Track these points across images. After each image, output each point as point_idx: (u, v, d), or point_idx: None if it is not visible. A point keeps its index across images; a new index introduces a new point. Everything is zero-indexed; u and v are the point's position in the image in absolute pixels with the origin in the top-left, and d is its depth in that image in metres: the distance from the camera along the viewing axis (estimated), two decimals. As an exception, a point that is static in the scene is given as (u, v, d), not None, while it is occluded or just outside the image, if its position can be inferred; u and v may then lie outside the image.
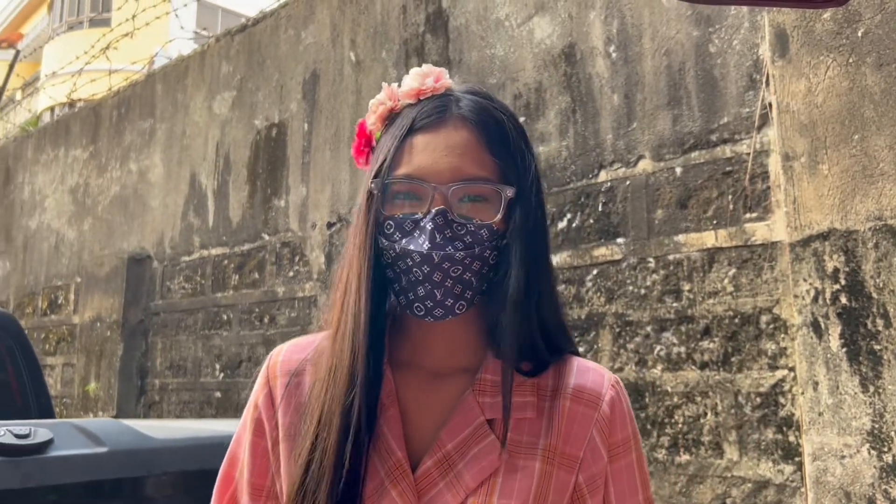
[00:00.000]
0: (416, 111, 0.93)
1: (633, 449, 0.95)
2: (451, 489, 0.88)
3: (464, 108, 0.93)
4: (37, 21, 25.04)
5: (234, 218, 4.69)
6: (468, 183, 0.89)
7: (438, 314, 0.88)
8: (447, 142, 0.90)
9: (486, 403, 0.92)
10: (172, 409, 4.88)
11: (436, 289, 0.87)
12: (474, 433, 0.90)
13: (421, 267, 0.87)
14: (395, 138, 0.92)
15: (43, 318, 6.35)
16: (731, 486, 2.51)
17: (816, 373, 2.20)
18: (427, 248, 0.87)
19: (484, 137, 0.91)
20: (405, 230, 0.89)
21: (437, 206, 0.88)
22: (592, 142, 3.04)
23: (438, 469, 0.89)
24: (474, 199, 0.90)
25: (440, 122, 0.91)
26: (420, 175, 0.89)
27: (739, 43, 2.66)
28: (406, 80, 0.96)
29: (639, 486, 0.95)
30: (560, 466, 0.91)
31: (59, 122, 6.91)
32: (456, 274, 0.88)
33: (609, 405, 0.94)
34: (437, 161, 0.89)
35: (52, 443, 2.10)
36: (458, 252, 0.87)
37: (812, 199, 2.27)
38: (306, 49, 4.42)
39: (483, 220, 0.89)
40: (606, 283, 2.91)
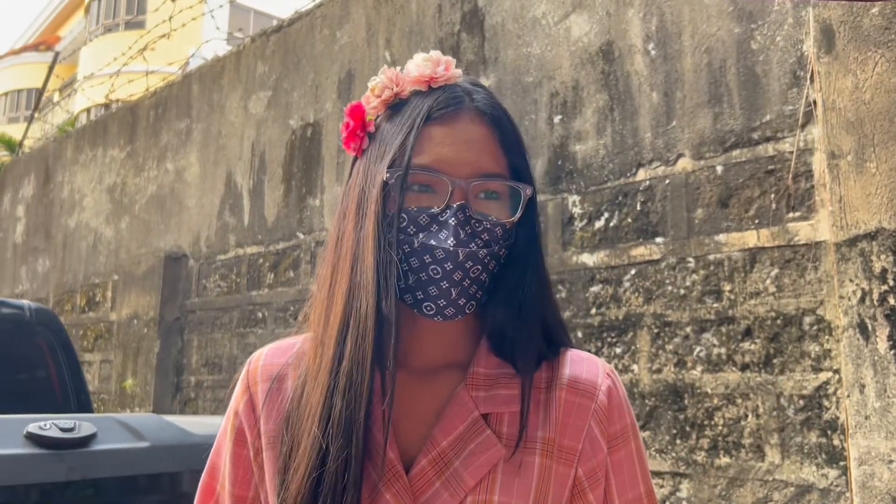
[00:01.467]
0: (429, 100, 0.88)
1: (631, 439, 0.91)
2: (448, 488, 0.84)
3: (479, 101, 0.89)
4: (73, 24, 25.50)
5: (270, 217, 4.73)
6: (488, 179, 0.86)
7: (449, 314, 0.85)
8: (466, 135, 0.86)
9: (480, 398, 0.88)
10: (208, 406, 4.93)
11: (453, 287, 0.83)
12: (469, 429, 0.86)
13: (443, 264, 0.83)
14: (410, 127, 0.86)
15: (81, 315, 6.45)
16: (773, 489, 2.46)
17: (863, 375, 2.16)
18: (452, 245, 0.82)
19: (499, 134, 0.88)
20: (420, 224, 0.84)
21: (457, 202, 0.84)
22: (630, 140, 3.01)
23: (434, 468, 0.85)
24: (490, 197, 0.86)
25: (457, 114, 0.87)
26: (440, 167, 0.84)
27: (783, 39, 2.62)
28: (413, 66, 0.91)
29: (639, 477, 0.91)
30: (559, 460, 0.87)
31: (97, 122, 7.02)
32: (475, 274, 0.84)
33: (606, 395, 0.90)
34: (457, 154, 0.85)
35: (95, 437, 2.13)
36: (480, 250, 0.84)
37: (859, 198, 2.22)
38: (341, 49, 4.43)
39: (499, 217, 0.86)
40: (645, 283, 2.88)
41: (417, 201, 0.85)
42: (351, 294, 0.85)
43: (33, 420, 2.02)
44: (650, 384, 2.81)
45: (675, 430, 2.73)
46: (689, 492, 2.66)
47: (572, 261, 3.13)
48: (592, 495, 0.88)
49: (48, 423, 2.02)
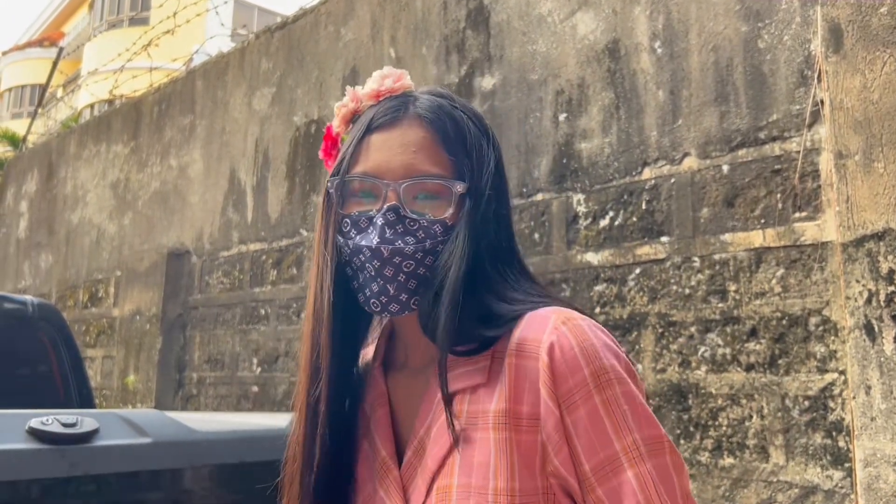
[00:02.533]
0: (374, 111, 0.94)
1: (594, 393, 0.81)
2: (422, 475, 0.88)
3: (419, 106, 0.94)
4: (78, 20, 25.51)
5: (273, 214, 4.72)
6: (419, 179, 0.90)
7: (394, 310, 0.90)
8: (402, 139, 0.91)
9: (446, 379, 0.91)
10: (210, 403, 4.93)
11: (388, 284, 0.88)
12: (434, 413, 0.90)
13: (372, 262, 0.88)
14: (354, 138, 0.94)
15: (84, 310, 6.45)
16: (777, 490, 2.45)
17: (869, 377, 2.14)
18: (376, 243, 0.88)
19: (439, 135, 0.92)
20: (360, 227, 0.90)
21: (389, 203, 0.89)
22: (636, 139, 2.99)
23: (416, 457, 0.89)
24: (428, 196, 0.90)
25: (395, 120, 0.92)
26: (374, 173, 0.90)
27: (790, 38, 2.60)
28: (368, 83, 0.98)
29: (612, 435, 0.81)
30: (520, 429, 0.83)
31: (100, 118, 7.02)
32: (409, 269, 0.88)
33: (548, 353, 0.83)
34: (390, 159, 0.90)
35: (97, 432, 2.12)
36: (408, 246, 0.88)
37: (866, 198, 2.21)
38: (346, 46, 4.42)
39: (437, 215, 0.90)
40: (649, 282, 2.87)
41: (360, 206, 0.92)
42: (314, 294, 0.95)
43: (35, 415, 2.01)
44: (654, 384, 2.80)
45: (679, 431, 2.71)
46: (692, 492, 2.65)
47: (577, 260, 3.12)
48: (557, 460, 0.82)
49: (50, 418, 2.02)
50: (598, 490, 0.81)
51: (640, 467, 0.80)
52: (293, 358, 4.39)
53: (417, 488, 0.87)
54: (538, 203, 3.30)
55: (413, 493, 0.88)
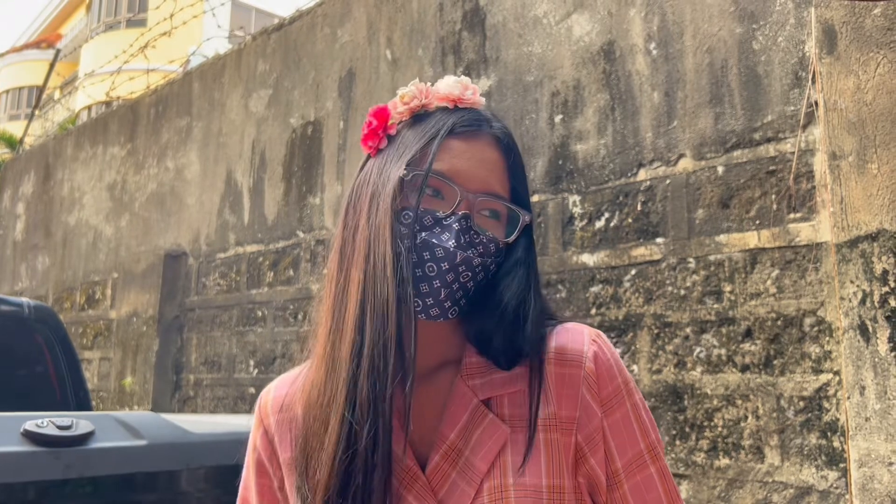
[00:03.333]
0: (454, 116, 0.95)
1: (626, 398, 0.92)
2: (464, 477, 0.87)
3: (496, 129, 0.96)
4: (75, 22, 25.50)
5: (270, 215, 4.72)
6: (494, 198, 0.92)
7: (434, 314, 0.89)
8: (482, 155, 0.93)
9: (477, 385, 0.92)
10: (207, 405, 4.93)
11: (443, 288, 0.88)
12: (472, 417, 0.90)
13: (440, 263, 0.88)
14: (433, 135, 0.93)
15: (80, 312, 6.45)
16: (773, 491, 2.46)
17: (863, 377, 2.15)
18: (453, 246, 0.88)
19: (508, 161, 0.95)
20: (424, 224, 0.89)
21: (462, 210, 0.90)
22: (631, 140, 3.00)
23: (447, 461, 0.89)
24: (491, 215, 0.92)
25: (477, 134, 0.94)
26: (453, 177, 0.90)
27: (785, 40, 2.61)
28: (444, 85, 0.97)
29: (638, 435, 0.92)
30: (559, 431, 0.89)
31: (97, 119, 7.02)
32: (465, 279, 0.89)
33: (593, 360, 0.91)
34: (471, 169, 0.91)
35: (93, 435, 2.12)
36: (476, 258, 0.89)
37: (860, 199, 2.21)
38: (342, 47, 4.43)
39: (496, 235, 0.92)
40: (645, 283, 2.87)
41: (426, 203, 0.90)
42: (367, 282, 0.89)
43: (30, 418, 2.01)
44: (650, 385, 2.80)
45: (675, 431, 2.72)
46: (688, 493, 2.65)
47: (572, 261, 3.12)
48: (594, 459, 0.90)
49: (45, 420, 2.02)
50: (625, 485, 0.90)
51: (660, 463, 0.93)
52: (290, 359, 4.39)
53: (459, 491, 0.87)
54: (534, 204, 3.30)
55: (452, 497, 0.87)
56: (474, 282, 0.90)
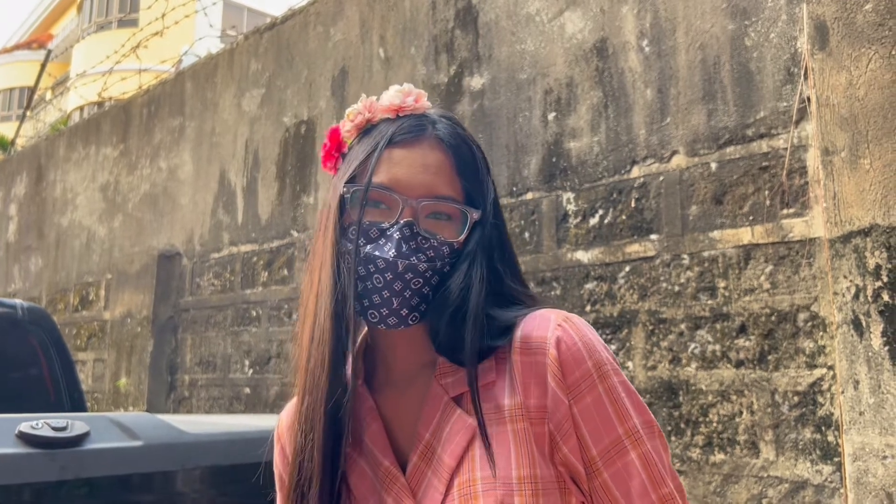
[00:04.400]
0: (394, 126, 0.96)
1: (597, 382, 0.88)
2: (436, 474, 0.89)
3: (440, 130, 0.96)
4: (66, 22, 25.40)
5: (264, 215, 4.71)
6: (438, 200, 0.92)
7: (392, 323, 0.90)
8: (423, 159, 0.93)
9: (449, 383, 0.93)
10: (202, 405, 4.92)
11: (394, 297, 0.89)
12: (443, 414, 0.91)
13: (384, 274, 0.89)
14: (372, 148, 0.94)
15: (74, 314, 6.43)
16: (768, 486, 2.47)
17: (857, 371, 2.16)
18: (392, 256, 0.89)
19: (455, 161, 0.95)
20: (369, 237, 0.91)
21: (405, 218, 0.90)
22: (625, 137, 3.01)
23: (423, 460, 0.90)
24: (440, 217, 0.93)
25: (417, 139, 0.94)
26: (393, 186, 0.91)
27: (777, 36, 2.62)
28: (386, 96, 0.99)
29: (615, 421, 0.87)
30: (530, 420, 0.88)
31: (89, 120, 6.99)
32: (416, 286, 0.90)
33: (555, 346, 0.88)
34: (412, 176, 0.92)
35: (88, 436, 2.11)
36: (421, 264, 0.90)
37: (853, 195, 2.22)
38: (335, 46, 4.42)
39: (447, 237, 0.92)
40: (639, 279, 2.88)
41: (371, 216, 0.92)
42: (317, 303, 0.93)
43: (25, 419, 2.01)
44: (645, 381, 2.81)
45: (671, 427, 2.73)
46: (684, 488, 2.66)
47: (567, 258, 3.13)
48: (566, 448, 0.87)
49: (40, 422, 2.01)
50: (605, 473, 0.87)
51: (642, 448, 0.88)
52: (285, 359, 4.39)
53: (432, 488, 0.89)
54: (528, 202, 3.30)
55: (426, 494, 0.89)
56: (430, 286, 0.91)
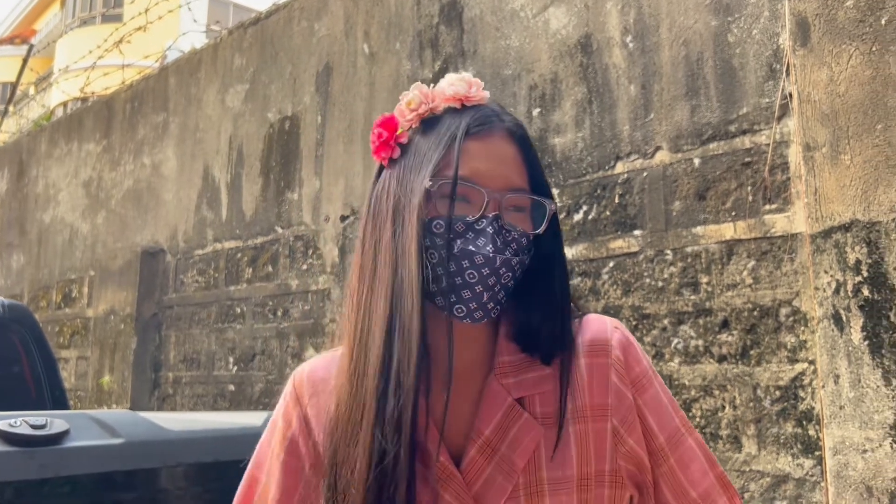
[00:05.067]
0: (465, 117, 0.94)
1: (653, 378, 0.98)
2: (501, 472, 0.90)
3: (507, 122, 0.95)
4: (49, 17, 25.16)
5: (248, 211, 4.69)
6: (518, 193, 0.92)
7: (478, 317, 0.90)
8: (499, 152, 0.93)
9: (511, 384, 0.94)
10: (186, 402, 4.89)
11: (486, 292, 0.89)
12: (508, 414, 0.92)
13: (480, 269, 0.88)
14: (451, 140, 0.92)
15: (57, 311, 6.37)
16: (750, 480, 2.48)
17: (838, 366, 2.17)
18: (491, 252, 0.88)
19: (524, 153, 0.95)
20: (456, 231, 0.89)
21: (492, 212, 0.90)
22: (609, 133, 3.01)
23: (483, 456, 0.91)
24: (517, 210, 0.93)
25: (490, 131, 0.93)
26: (476, 180, 0.90)
27: (759, 32, 2.63)
28: (448, 85, 0.96)
29: (671, 411, 0.97)
30: (593, 420, 0.93)
31: (72, 116, 6.93)
32: (505, 280, 0.90)
33: (618, 348, 0.96)
34: (491, 168, 0.91)
35: (67, 434, 2.10)
36: (513, 258, 0.90)
37: (834, 190, 2.23)
38: (319, 41, 4.40)
39: (524, 229, 0.92)
40: (623, 275, 2.89)
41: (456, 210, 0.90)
42: (394, 297, 0.90)
43: (3, 417, 1.99)
44: (628, 376, 2.82)
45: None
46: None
47: (551, 254, 3.13)
48: (632, 440, 0.93)
49: (18, 420, 1.99)
50: (671, 458, 0.95)
51: (693, 436, 0.98)
52: (269, 356, 4.37)
53: (496, 486, 0.89)
54: (512, 198, 3.30)
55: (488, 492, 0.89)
56: (514, 280, 0.92)
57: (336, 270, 4.03)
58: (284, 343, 4.27)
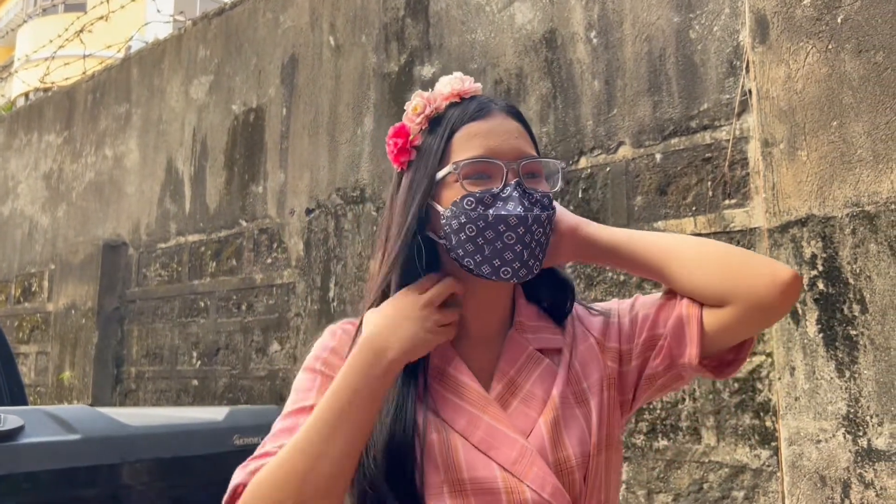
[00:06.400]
0: (463, 108, 1.06)
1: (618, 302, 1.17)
2: (525, 403, 1.02)
3: (502, 104, 1.09)
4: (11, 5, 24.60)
5: (212, 204, 4.64)
6: (533, 159, 1.04)
7: (523, 274, 1.01)
8: (504, 127, 1.05)
9: (530, 339, 1.08)
10: (149, 398, 4.83)
11: (524, 250, 1.00)
12: (529, 359, 1.06)
13: (516, 229, 0.99)
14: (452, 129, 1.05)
15: (16, 305, 6.25)
16: (709, 471, 2.52)
17: (793, 358, 2.21)
18: (522, 211, 0.99)
19: (523, 127, 1.08)
20: (486, 203, 1.00)
21: (513, 180, 1.01)
22: (573, 128, 3.03)
23: (508, 390, 1.03)
24: (532, 175, 1.04)
25: (491, 113, 1.05)
26: (490, 154, 1.02)
27: (720, 29, 2.66)
28: (445, 85, 1.08)
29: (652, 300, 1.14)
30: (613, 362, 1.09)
31: (31, 106, 6.79)
32: (539, 236, 1.01)
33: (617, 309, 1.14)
34: (503, 142, 1.03)
35: (22, 430, 2.06)
36: (542, 213, 1.01)
37: (790, 186, 2.27)
38: (285, 33, 4.36)
39: (545, 190, 1.05)
40: (586, 269, 2.91)
41: (478, 186, 1.01)
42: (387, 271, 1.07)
43: (-45, 413, 1.95)
44: (591, 369, 2.84)
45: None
46: (628, 474, 2.70)
47: (515, 248, 3.14)
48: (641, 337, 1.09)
49: (-29, 416, 1.95)
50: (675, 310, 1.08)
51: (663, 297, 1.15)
52: (233, 350, 4.33)
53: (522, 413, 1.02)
54: (478, 192, 3.31)
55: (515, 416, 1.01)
56: (546, 235, 1.03)
57: (301, 264, 4.00)
58: (248, 337, 4.24)
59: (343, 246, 3.76)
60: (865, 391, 2.07)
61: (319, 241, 3.90)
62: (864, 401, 2.07)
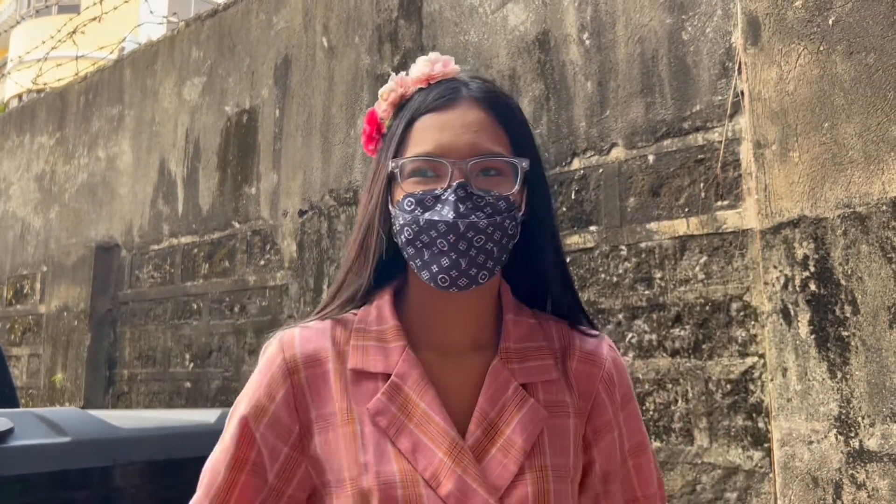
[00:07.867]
0: (427, 94, 0.98)
1: (633, 397, 1.07)
2: (505, 454, 0.92)
3: (474, 89, 0.98)
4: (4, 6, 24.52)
5: (204, 206, 4.62)
6: (485, 157, 0.94)
7: (462, 283, 0.91)
8: (462, 120, 0.94)
9: (515, 370, 0.97)
10: (142, 400, 4.81)
11: (461, 258, 0.90)
12: (513, 398, 0.95)
13: (446, 237, 0.90)
14: (410, 119, 0.97)
15: (8, 307, 6.22)
16: (702, 472, 2.52)
17: (786, 359, 2.21)
18: (452, 217, 0.90)
19: (495, 115, 0.97)
20: (426, 206, 0.92)
21: (457, 180, 0.92)
22: (566, 129, 3.03)
23: (486, 436, 0.93)
24: (491, 174, 0.94)
25: (453, 102, 0.96)
26: (438, 153, 0.93)
27: (712, 30, 2.66)
28: (415, 67, 1.01)
29: (641, 428, 1.08)
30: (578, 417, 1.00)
31: (24, 107, 6.77)
32: (479, 243, 0.91)
33: (613, 365, 1.04)
34: (454, 138, 0.93)
35: (11, 432, 2.05)
36: (481, 220, 0.91)
37: (783, 187, 2.27)
38: (278, 34, 4.35)
39: (501, 192, 0.94)
40: (579, 270, 2.91)
41: (423, 185, 0.93)
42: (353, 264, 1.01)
43: (-56, 416, 1.93)
44: (584, 371, 2.84)
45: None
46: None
47: (508, 249, 3.14)
48: (596, 448, 1.01)
49: (-40, 418, 1.94)
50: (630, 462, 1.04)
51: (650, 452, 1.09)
52: (226, 353, 4.32)
53: (499, 464, 0.92)
54: (471, 193, 3.30)
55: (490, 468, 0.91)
56: (493, 242, 0.92)
57: (294, 266, 3.99)
58: (241, 339, 4.22)
59: (336, 247, 3.76)
60: (857, 392, 2.07)
61: (312, 242, 3.89)
62: (855, 402, 2.07)
